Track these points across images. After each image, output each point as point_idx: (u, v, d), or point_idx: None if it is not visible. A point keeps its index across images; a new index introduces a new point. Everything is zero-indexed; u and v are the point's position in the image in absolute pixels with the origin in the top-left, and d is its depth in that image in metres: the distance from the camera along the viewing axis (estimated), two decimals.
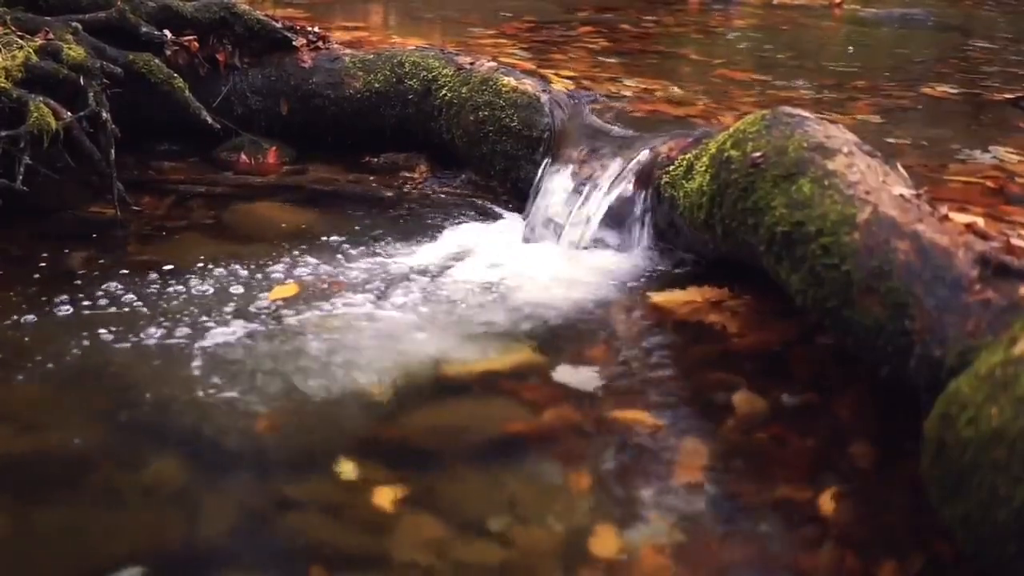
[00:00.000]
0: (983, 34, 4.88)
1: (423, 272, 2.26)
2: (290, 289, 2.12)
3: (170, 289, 2.12)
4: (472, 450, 1.64)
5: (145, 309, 2.03)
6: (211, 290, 2.12)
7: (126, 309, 2.03)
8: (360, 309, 2.07)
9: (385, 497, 1.51)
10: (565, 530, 1.44)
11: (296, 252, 2.33)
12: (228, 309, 2.04)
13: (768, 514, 1.48)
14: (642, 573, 1.37)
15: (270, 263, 2.26)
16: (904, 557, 1.38)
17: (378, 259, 2.32)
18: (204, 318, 2.00)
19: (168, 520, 1.46)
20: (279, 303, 2.07)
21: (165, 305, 2.05)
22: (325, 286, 2.16)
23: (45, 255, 2.27)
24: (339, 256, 2.32)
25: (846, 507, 1.48)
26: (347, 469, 1.58)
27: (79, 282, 2.14)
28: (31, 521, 1.45)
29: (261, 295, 2.11)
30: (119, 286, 2.12)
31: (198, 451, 1.61)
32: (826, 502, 1.48)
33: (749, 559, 1.40)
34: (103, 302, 2.05)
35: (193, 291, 2.12)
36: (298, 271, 2.23)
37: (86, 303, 2.04)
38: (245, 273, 2.21)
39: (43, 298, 2.06)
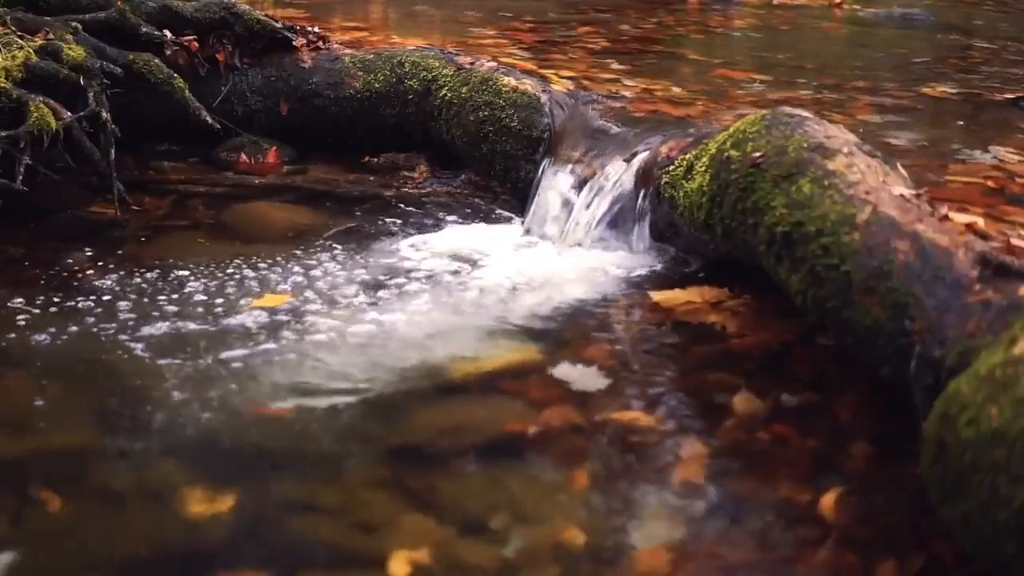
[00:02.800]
0: (983, 34, 4.88)
1: (423, 272, 2.26)
2: (277, 299, 2.09)
3: (171, 289, 2.12)
4: (472, 450, 1.64)
5: (145, 310, 2.03)
6: (211, 291, 2.12)
7: (126, 309, 2.03)
8: (359, 309, 2.07)
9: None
10: (565, 530, 1.44)
11: (296, 252, 2.33)
12: (228, 309, 2.04)
13: (768, 514, 1.48)
14: (642, 573, 1.37)
15: (271, 263, 2.26)
16: (904, 557, 1.38)
17: (377, 259, 2.32)
18: (205, 318, 2.00)
19: (168, 520, 1.45)
20: (279, 305, 2.07)
21: (165, 306, 2.05)
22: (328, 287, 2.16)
23: (45, 255, 2.27)
24: (339, 256, 2.32)
25: (846, 507, 1.48)
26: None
27: (79, 282, 2.14)
28: (31, 521, 1.45)
29: (258, 296, 2.11)
30: (119, 286, 2.13)
31: (198, 451, 1.61)
32: (826, 502, 1.48)
33: (749, 559, 1.40)
34: (102, 302, 2.05)
35: (193, 292, 2.12)
36: (298, 271, 2.23)
37: (85, 303, 2.04)
38: (246, 273, 2.21)
39: (43, 298, 2.06)
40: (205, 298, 2.09)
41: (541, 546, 1.41)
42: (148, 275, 2.18)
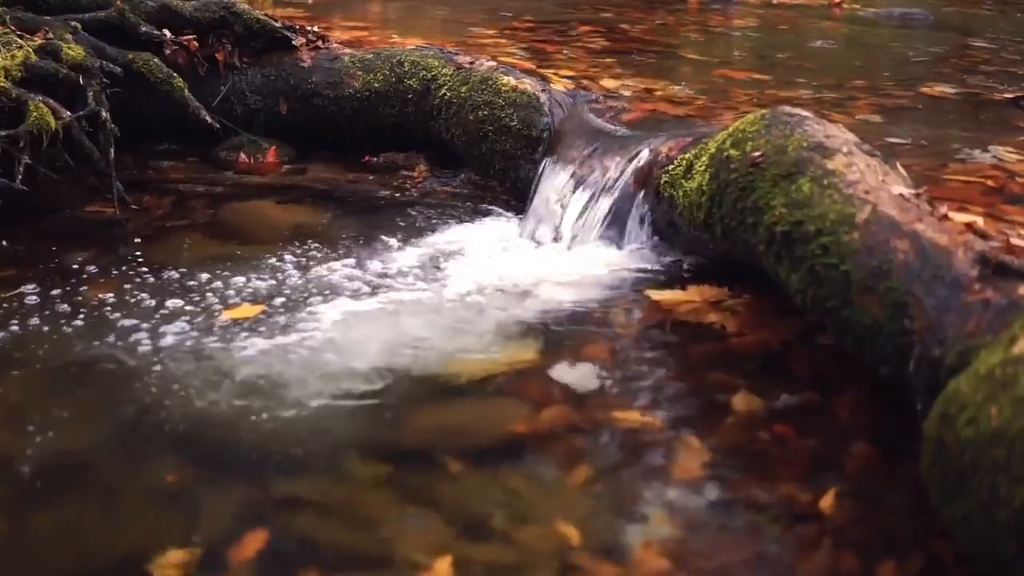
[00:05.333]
0: (983, 34, 4.88)
1: (422, 272, 2.26)
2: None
3: (170, 289, 2.12)
4: (472, 450, 1.64)
5: (144, 309, 2.03)
6: (211, 290, 2.12)
7: (125, 310, 2.03)
8: (359, 309, 2.07)
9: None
10: (565, 530, 1.43)
11: (295, 252, 2.33)
12: (227, 309, 2.04)
13: (768, 514, 1.48)
14: (641, 573, 1.36)
15: (270, 263, 2.26)
16: (904, 557, 1.37)
17: (377, 259, 2.32)
18: (205, 318, 2.00)
19: (168, 520, 1.45)
20: (263, 311, 2.07)
21: (165, 305, 2.05)
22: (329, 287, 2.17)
23: (45, 255, 2.27)
24: (338, 256, 2.32)
25: (846, 507, 1.48)
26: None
27: (78, 282, 2.14)
28: (31, 521, 1.45)
29: (259, 296, 2.11)
30: (118, 286, 2.12)
31: (198, 451, 1.61)
32: (826, 502, 1.48)
33: (749, 559, 1.40)
34: (101, 302, 2.05)
35: (193, 291, 2.11)
36: (297, 271, 2.23)
37: (84, 303, 2.04)
38: (245, 273, 2.21)
39: (42, 298, 2.06)
40: (204, 298, 2.09)
41: (541, 546, 1.41)
42: (148, 275, 2.18)
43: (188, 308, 2.04)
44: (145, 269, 2.21)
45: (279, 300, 2.09)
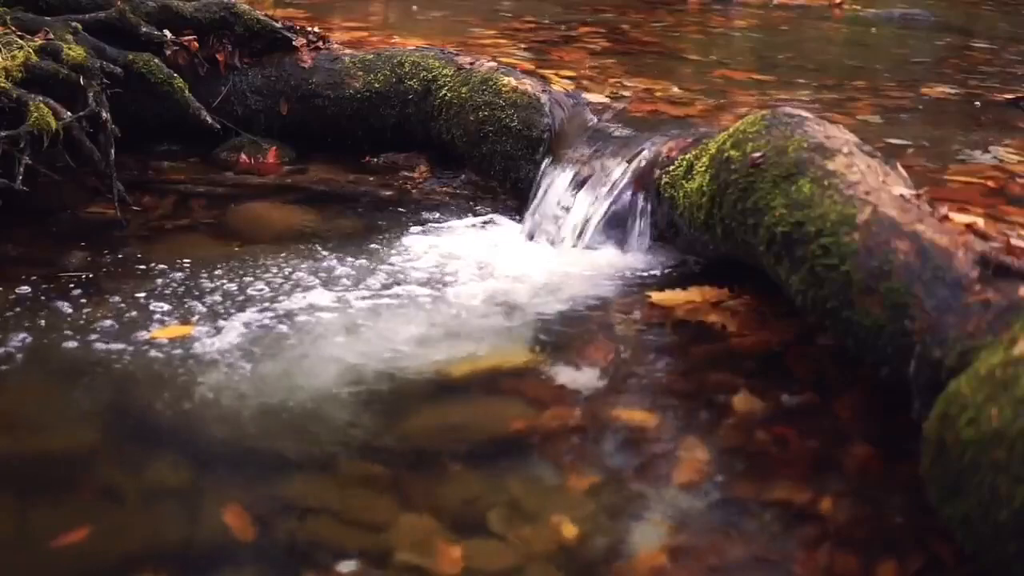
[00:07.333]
0: (983, 34, 4.88)
1: (423, 272, 2.26)
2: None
3: (170, 290, 2.12)
4: (472, 450, 1.64)
5: (145, 310, 2.03)
6: (211, 290, 2.12)
7: (125, 309, 2.03)
8: (361, 309, 2.07)
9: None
10: (564, 530, 1.44)
11: (295, 253, 2.33)
12: (228, 308, 2.04)
13: (768, 514, 1.48)
14: (642, 573, 1.37)
15: (272, 263, 2.26)
16: (904, 557, 1.38)
17: (377, 259, 2.32)
18: (204, 318, 2.00)
19: (168, 520, 1.45)
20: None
21: (165, 306, 2.05)
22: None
23: (45, 255, 2.27)
24: (339, 256, 2.32)
25: (846, 507, 1.48)
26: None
27: (78, 282, 2.14)
28: (31, 521, 1.45)
29: (260, 295, 2.11)
30: (118, 286, 2.12)
31: (198, 451, 1.61)
32: (826, 502, 1.48)
33: (749, 559, 1.40)
34: (102, 302, 2.05)
35: (194, 292, 2.12)
36: (297, 272, 2.23)
37: (85, 303, 2.04)
38: (246, 273, 2.21)
39: (43, 298, 2.06)
40: (203, 298, 2.09)
41: (540, 546, 1.41)
42: (149, 276, 2.18)
43: (187, 308, 2.04)
44: (146, 270, 2.21)
45: (280, 300, 2.09)
